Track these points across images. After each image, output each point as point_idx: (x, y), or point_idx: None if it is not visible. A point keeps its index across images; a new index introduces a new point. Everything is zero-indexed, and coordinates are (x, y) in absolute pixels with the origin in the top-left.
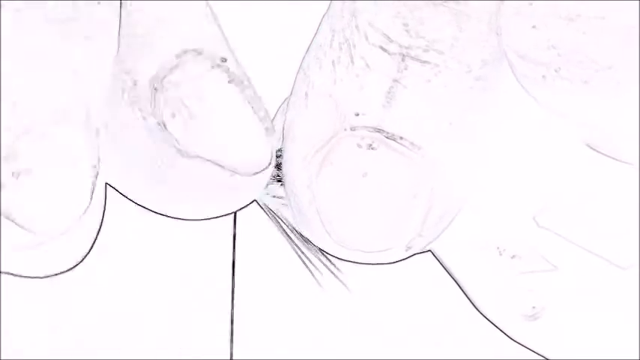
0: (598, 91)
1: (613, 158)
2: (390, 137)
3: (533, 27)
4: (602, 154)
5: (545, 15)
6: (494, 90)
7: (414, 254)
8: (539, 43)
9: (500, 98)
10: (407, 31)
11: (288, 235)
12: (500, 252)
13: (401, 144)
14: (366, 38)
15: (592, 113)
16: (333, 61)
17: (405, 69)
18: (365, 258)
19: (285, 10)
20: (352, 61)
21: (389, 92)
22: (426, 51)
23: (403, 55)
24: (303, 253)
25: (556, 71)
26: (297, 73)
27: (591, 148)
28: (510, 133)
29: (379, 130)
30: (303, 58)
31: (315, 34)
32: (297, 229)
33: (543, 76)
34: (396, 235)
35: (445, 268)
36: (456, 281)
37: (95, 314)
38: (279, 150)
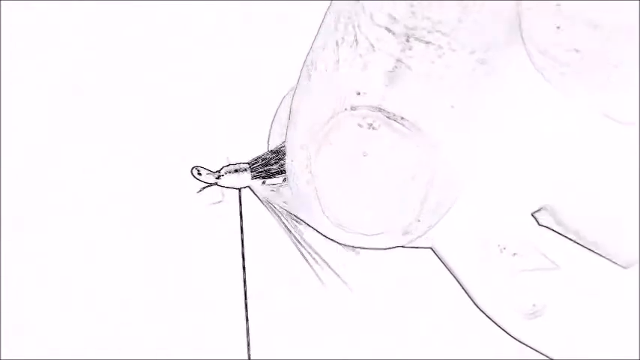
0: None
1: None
2: (391, 117)
3: (558, 28)
4: (618, 121)
5: (571, 18)
6: (500, 76)
7: (414, 247)
8: (563, 45)
9: (507, 86)
10: (413, 12)
11: (283, 223)
12: (500, 250)
13: (402, 124)
14: (372, 19)
15: (612, 99)
16: (337, 42)
17: (410, 49)
18: (362, 242)
19: (289, 8)
20: (356, 41)
21: (392, 72)
22: (430, 32)
23: (408, 36)
24: (299, 242)
25: (577, 72)
26: (304, 62)
27: (606, 116)
28: (514, 123)
29: (380, 110)
30: (311, 47)
31: (322, 21)
32: (292, 214)
33: (562, 73)
34: (394, 218)
35: (446, 266)
36: (456, 279)
37: (97, 313)
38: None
